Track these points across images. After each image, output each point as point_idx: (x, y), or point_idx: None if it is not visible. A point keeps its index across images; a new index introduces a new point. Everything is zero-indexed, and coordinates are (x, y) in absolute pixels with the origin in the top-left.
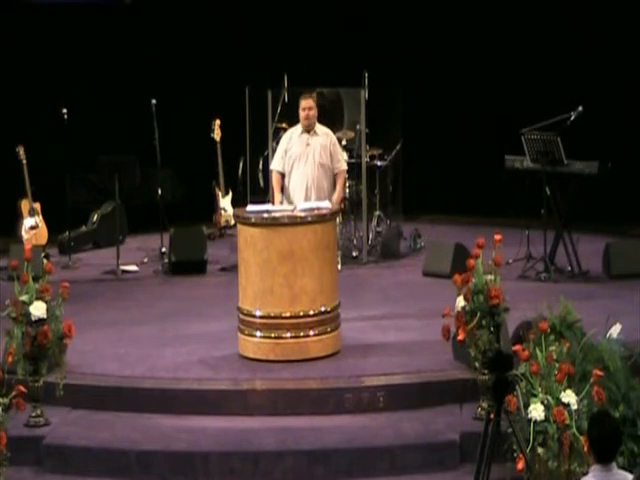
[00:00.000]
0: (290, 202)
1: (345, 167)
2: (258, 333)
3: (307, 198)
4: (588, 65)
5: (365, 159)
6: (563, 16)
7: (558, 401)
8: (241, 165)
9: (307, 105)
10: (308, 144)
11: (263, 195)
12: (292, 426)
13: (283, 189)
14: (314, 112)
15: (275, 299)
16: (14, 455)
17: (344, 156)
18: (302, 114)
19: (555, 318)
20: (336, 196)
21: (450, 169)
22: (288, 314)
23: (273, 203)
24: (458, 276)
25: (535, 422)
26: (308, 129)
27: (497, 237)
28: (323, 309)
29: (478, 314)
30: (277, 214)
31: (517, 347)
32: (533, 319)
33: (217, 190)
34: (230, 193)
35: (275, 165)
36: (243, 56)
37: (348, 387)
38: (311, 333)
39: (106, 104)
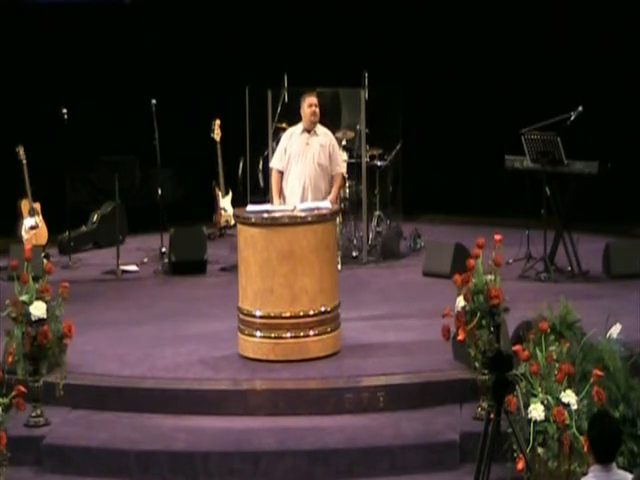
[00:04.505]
0: (288, 200)
1: (343, 170)
2: (258, 333)
3: (304, 198)
4: (588, 65)
5: (365, 159)
6: (563, 16)
7: (558, 401)
8: (241, 165)
9: (314, 102)
10: (307, 143)
11: (263, 195)
12: (292, 426)
13: (281, 190)
14: (319, 109)
15: (275, 299)
16: (14, 455)
17: (343, 157)
18: (308, 110)
19: (555, 318)
20: (331, 197)
21: (450, 169)
22: (288, 314)
23: (272, 203)
24: (458, 276)
25: (535, 422)
26: (310, 128)
27: (497, 237)
28: (323, 309)
29: (478, 314)
30: (277, 214)
31: (517, 347)
32: (533, 319)
33: (217, 190)
34: (230, 193)
35: (275, 163)
36: (243, 56)
37: (348, 387)
38: (311, 333)
39: (106, 104)
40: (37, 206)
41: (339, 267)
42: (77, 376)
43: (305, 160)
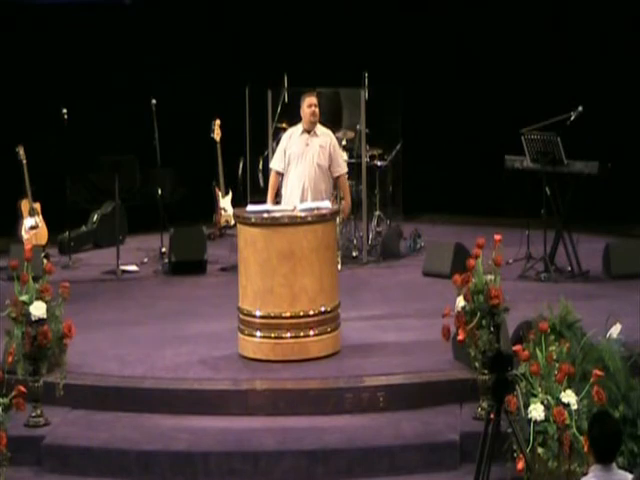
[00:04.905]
0: (288, 201)
1: (345, 171)
2: (258, 333)
3: (303, 199)
4: (588, 65)
5: (365, 159)
6: (563, 16)
7: (558, 401)
8: (241, 165)
9: (313, 102)
10: (307, 144)
11: (263, 195)
12: (292, 426)
13: (278, 193)
14: (318, 110)
15: (275, 299)
16: (14, 455)
17: (344, 157)
18: (308, 110)
19: (555, 318)
20: (345, 205)
21: (450, 169)
22: (288, 314)
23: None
24: (458, 276)
25: (535, 422)
26: (310, 128)
27: (497, 237)
28: (323, 309)
29: (478, 314)
30: (277, 214)
31: (517, 347)
32: (533, 319)
33: (217, 190)
34: (230, 193)
35: (274, 164)
36: (243, 56)
37: (348, 387)
38: (311, 333)
39: (106, 104)
40: (37, 206)
41: (339, 267)
42: (77, 376)
43: (305, 161)
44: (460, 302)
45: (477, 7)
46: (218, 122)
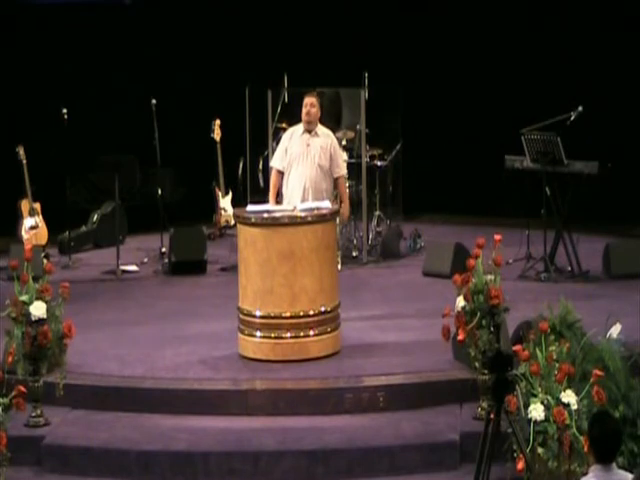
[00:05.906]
0: (289, 201)
1: (344, 172)
2: (258, 333)
3: (304, 199)
4: (588, 65)
5: (365, 159)
6: (563, 16)
7: (558, 401)
8: (241, 165)
9: (309, 102)
10: (308, 144)
11: (263, 195)
12: (292, 426)
13: (278, 192)
14: (316, 110)
15: (275, 299)
16: (14, 455)
17: (344, 157)
18: (303, 110)
19: (555, 318)
20: (343, 209)
21: (450, 169)
22: (288, 314)
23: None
24: (458, 276)
25: (535, 422)
26: (309, 129)
27: (497, 237)
28: (323, 309)
29: (478, 314)
30: (277, 214)
31: (517, 347)
32: (533, 319)
33: (217, 190)
34: (230, 193)
35: (275, 163)
36: (243, 56)
37: (348, 387)
38: (311, 333)
39: (106, 104)
40: (37, 206)
41: (339, 267)
42: (77, 376)
43: (306, 162)
44: (460, 302)
45: (477, 7)
46: (218, 122)
